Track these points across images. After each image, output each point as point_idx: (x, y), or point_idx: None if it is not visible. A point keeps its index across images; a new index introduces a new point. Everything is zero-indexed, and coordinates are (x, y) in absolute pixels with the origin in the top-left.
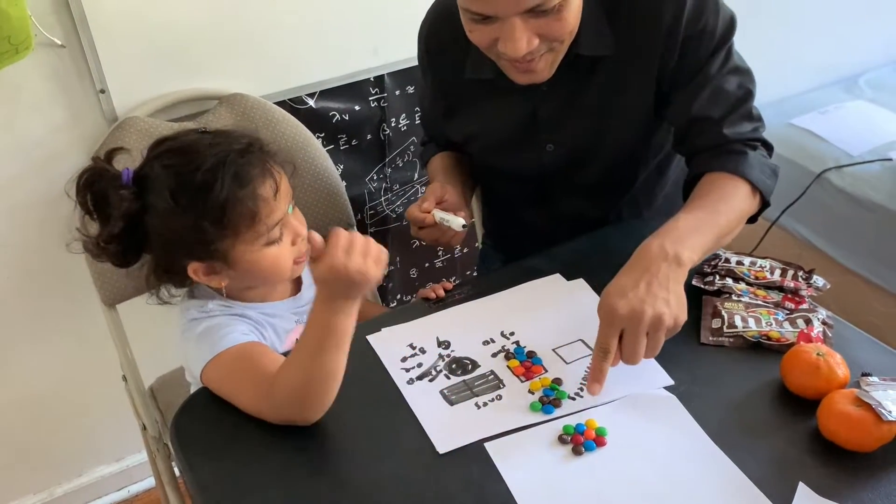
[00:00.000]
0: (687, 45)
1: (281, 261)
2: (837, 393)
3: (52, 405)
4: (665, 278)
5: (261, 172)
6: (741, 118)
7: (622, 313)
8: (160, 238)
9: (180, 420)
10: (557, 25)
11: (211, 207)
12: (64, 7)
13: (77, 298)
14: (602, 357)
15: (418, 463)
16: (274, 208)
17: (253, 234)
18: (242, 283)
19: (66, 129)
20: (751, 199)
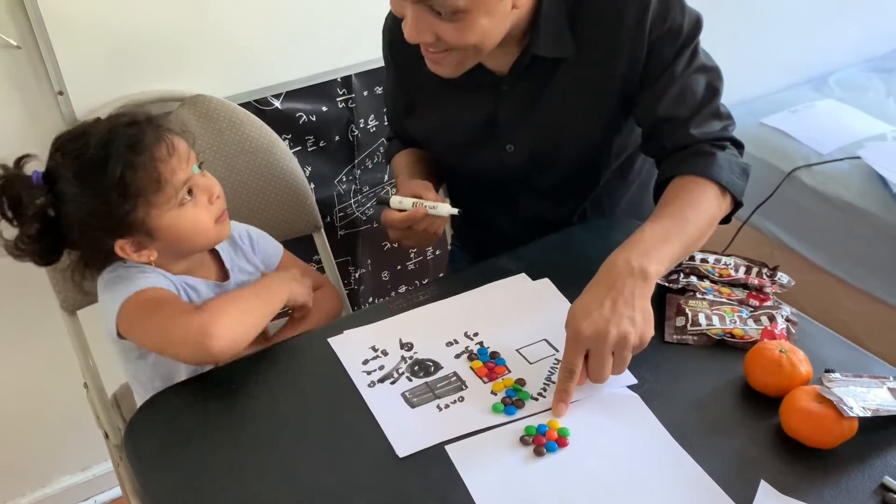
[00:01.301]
0: (653, 46)
1: (200, 221)
2: (799, 390)
3: (14, 414)
4: (630, 295)
5: (153, 139)
6: (709, 117)
7: (587, 334)
8: (78, 225)
9: (133, 429)
10: (453, 34)
11: (112, 180)
12: (19, 7)
13: (37, 304)
14: (567, 377)
15: (378, 467)
16: (175, 168)
17: (163, 197)
18: (171, 252)
19: (23, 131)
20: (720, 201)
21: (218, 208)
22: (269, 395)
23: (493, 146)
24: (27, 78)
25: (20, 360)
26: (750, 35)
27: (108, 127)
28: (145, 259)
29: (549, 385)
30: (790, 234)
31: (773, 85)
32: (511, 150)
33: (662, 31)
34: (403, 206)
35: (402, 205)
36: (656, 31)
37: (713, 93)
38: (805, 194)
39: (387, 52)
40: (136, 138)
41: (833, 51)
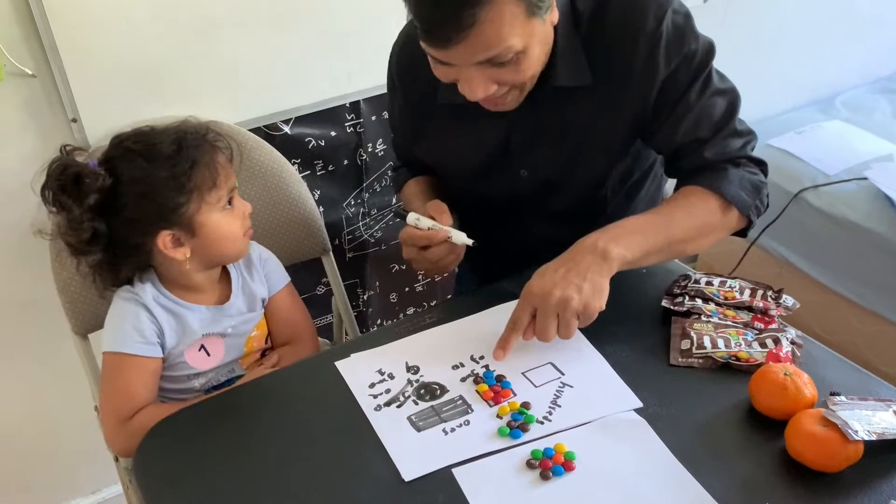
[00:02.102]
0: (667, 77)
1: (234, 229)
2: (804, 413)
3: (26, 436)
4: (585, 268)
5: (212, 146)
6: (725, 137)
7: (534, 292)
8: (133, 207)
9: (143, 453)
10: (514, 75)
11: (180, 171)
12: (34, 37)
13: (49, 327)
14: (511, 328)
15: (384, 491)
16: (229, 174)
17: (214, 196)
18: (202, 256)
19: (37, 158)
20: (723, 213)
21: (247, 224)
22: (277, 418)
23: (507, 172)
24: (41, 105)
25: (33, 382)
26: (756, 56)
27: (175, 127)
28: (180, 256)
29: (555, 408)
30: (798, 255)
31: (779, 106)
32: (525, 175)
33: (677, 63)
34: (420, 224)
35: (419, 223)
36: (671, 63)
37: (730, 114)
38: (812, 215)
39: (394, 80)
40: (200, 140)
41: (839, 72)
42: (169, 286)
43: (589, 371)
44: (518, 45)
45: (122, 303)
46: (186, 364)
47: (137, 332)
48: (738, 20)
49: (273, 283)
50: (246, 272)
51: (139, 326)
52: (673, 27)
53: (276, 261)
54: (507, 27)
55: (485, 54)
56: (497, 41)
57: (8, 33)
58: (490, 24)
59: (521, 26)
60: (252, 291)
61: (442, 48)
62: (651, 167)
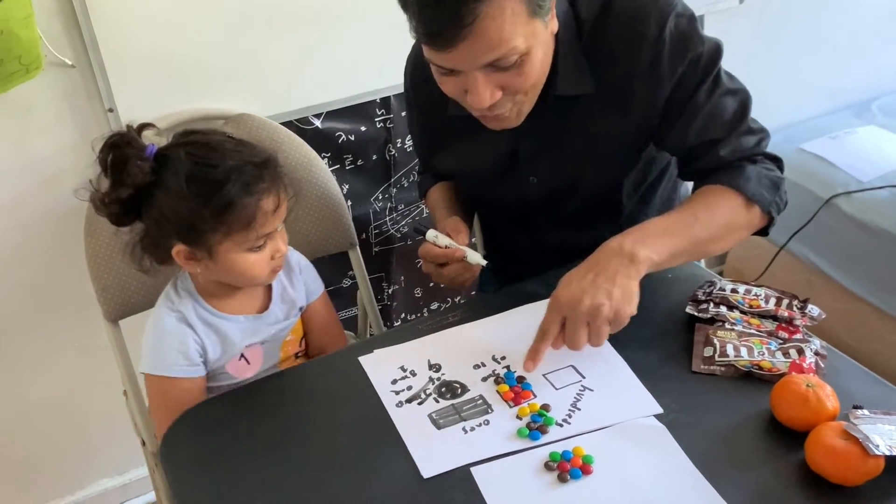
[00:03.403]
0: (674, 82)
1: (256, 268)
2: (825, 425)
3: (56, 418)
4: (613, 272)
5: (268, 188)
6: (739, 136)
7: (563, 301)
8: (161, 213)
9: (169, 442)
10: (519, 79)
11: (216, 202)
12: (74, 28)
13: (81, 313)
14: (541, 338)
15: (403, 486)
16: (268, 222)
17: (242, 237)
18: (215, 276)
19: (74, 147)
20: (744, 211)
21: (276, 264)
22: (300, 410)
23: (517, 179)
24: (79, 95)
25: (64, 367)
26: (791, 59)
27: (238, 157)
28: (191, 269)
29: (575, 411)
30: (827, 262)
31: (813, 110)
32: (534, 181)
33: (682, 68)
34: (438, 242)
35: (437, 240)
36: (675, 69)
37: (741, 113)
38: (843, 222)
39: (409, 94)
40: (255, 180)
41: (876, 76)
42: (206, 296)
43: (610, 375)
44: (521, 45)
45: (165, 322)
46: (228, 374)
47: (182, 356)
48: (774, 22)
49: (311, 291)
50: (286, 279)
51: (184, 349)
52: (676, 32)
53: (312, 268)
54: (508, 25)
55: (488, 56)
56: (500, 40)
57: (49, 25)
58: (492, 21)
59: (523, 26)
60: (291, 298)
61: (444, 50)
62: (665, 169)
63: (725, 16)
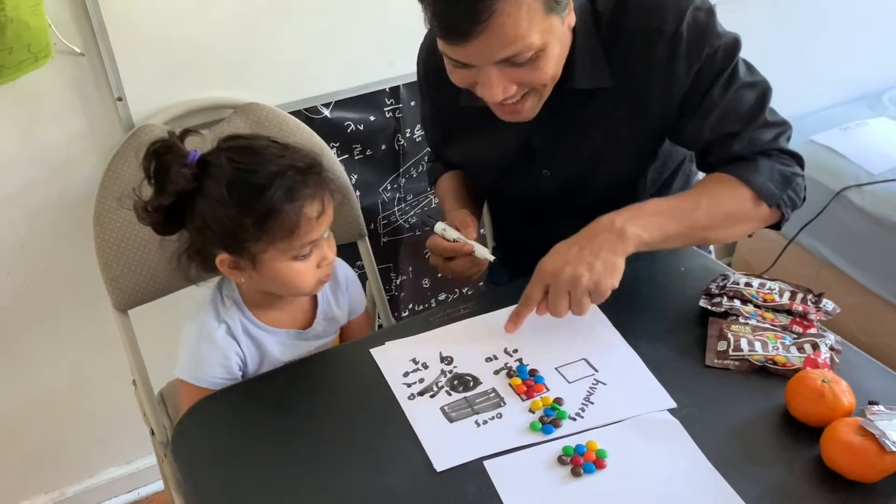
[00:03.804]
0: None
1: (302, 277)
2: (841, 421)
3: (64, 406)
4: (598, 246)
5: (312, 193)
6: (756, 129)
7: (546, 269)
8: (202, 221)
9: (180, 433)
10: (534, 74)
11: (258, 210)
12: (83, 16)
13: (90, 302)
14: (524, 303)
15: (415, 479)
16: (313, 229)
17: (286, 245)
18: (260, 286)
19: (83, 135)
20: (751, 204)
21: (323, 273)
22: (312, 402)
23: (530, 171)
24: (88, 84)
25: (73, 355)
26: (802, 49)
27: (281, 162)
28: (235, 279)
29: (588, 405)
30: (837, 255)
31: (824, 101)
32: (547, 174)
33: (699, 62)
34: (446, 235)
35: (446, 233)
36: (693, 63)
37: (760, 106)
38: (854, 214)
39: (422, 83)
40: (299, 185)
41: (888, 67)
42: (252, 306)
43: (623, 369)
44: (537, 42)
45: (212, 333)
46: None
47: (224, 370)
48: (787, 12)
49: (354, 308)
50: (332, 295)
51: (226, 364)
52: (694, 26)
53: (358, 283)
54: (524, 21)
55: (503, 52)
56: (515, 37)
57: (58, 12)
58: (508, 17)
59: (539, 22)
60: (335, 316)
61: (459, 44)
62: (681, 165)
63: (738, 5)
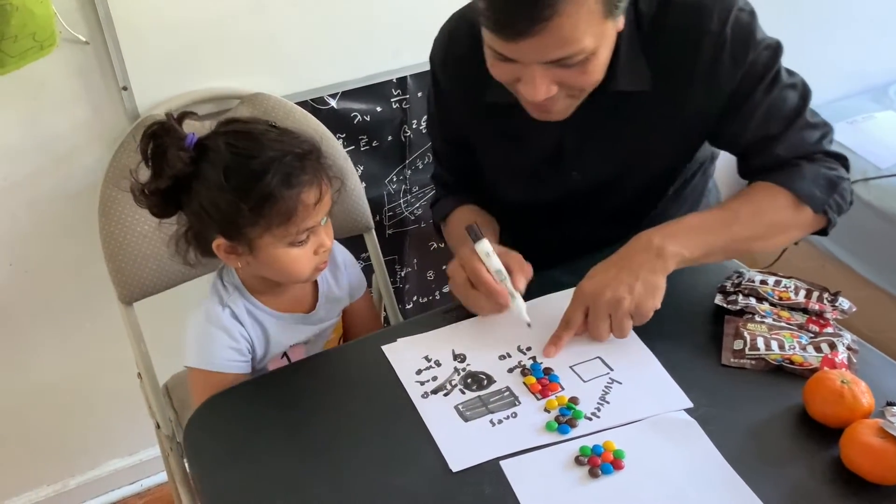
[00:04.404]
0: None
1: (298, 264)
2: (861, 423)
3: (67, 398)
4: (638, 266)
5: (310, 180)
6: (798, 131)
7: (586, 292)
8: (199, 206)
9: (192, 429)
10: (581, 78)
11: (254, 195)
12: (89, 4)
13: (93, 293)
14: (564, 327)
15: (431, 479)
16: (310, 216)
17: (283, 231)
18: (257, 272)
19: (87, 125)
20: (793, 210)
21: (320, 260)
22: (324, 399)
23: (559, 173)
24: (94, 73)
25: (77, 347)
26: (807, 42)
27: (279, 147)
28: (232, 264)
29: (604, 405)
30: (844, 249)
31: (830, 94)
32: (576, 176)
33: (743, 67)
34: (489, 263)
35: (488, 261)
36: (737, 66)
37: (801, 107)
38: (860, 209)
39: (437, 76)
40: (297, 171)
41: (891, 60)
42: (253, 292)
43: (638, 368)
44: (591, 45)
45: (218, 316)
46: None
47: (235, 351)
48: (791, 5)
49: (355, 289)
50: (332, 277)
51: (236, 346)
52: (738, 28)
53: (357, 264)
54: (583, 24)
55: (556, 53)
56: (572, 39)
57: (63, 0)
58: (568, 19)
59: (596, 25)
60: (336, 297)
61: (512, 41)
62: (702, 166)
63: None
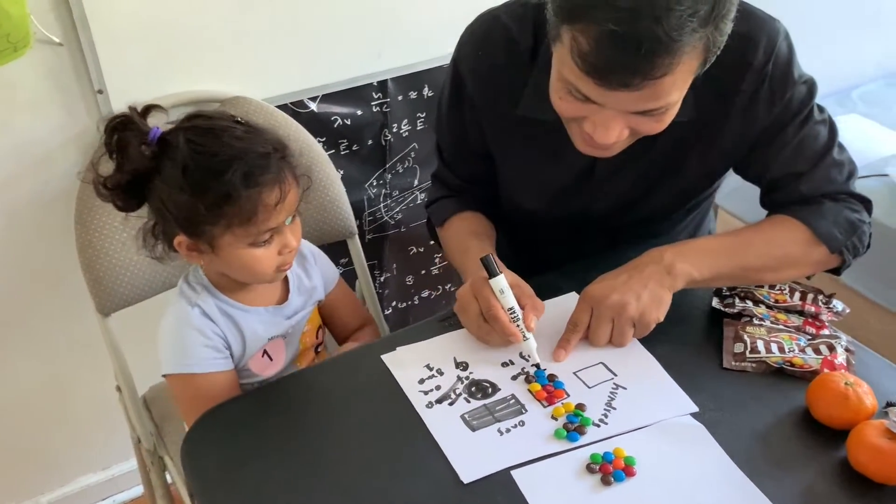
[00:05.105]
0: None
1: (261, 264)
2: (867, 424)
3: (39, 411)
4: (647, 278)
5: (272, 179)
6: (825, 169)
7: (593, 294)
8: (161, 202)
9: (190, 444)
10: (654, 126)
11: (213, 194)
12: (63, 4)
13: (68, 302)
14: (571, 329)
15: (442, 491)
16: (271, 216)
17: (244, 231)
18: (219, 269)
19: (61, 129)
20: (807, 247)
21: (284, 260)
22: (326, 411)
23: (585, 193)
24: (68, 76)
25: (49, 358)
26: None
27: (241, 144)
28: (194, 262)
29: (611, 410)
30: None
31: None
32: (601, 198)
33: (781, 105)
34: (503, 300)
35: (503, 297)
36: (774, 102)
37: (829, 145)
38: None
39: (460, 82)
40: (258, 170)
41: (855, 64)
42: (221, 289)
43: (641, 372)
44: (677, 98)
45: (188, 317)
46: (250, 371)
47: (211, 349)
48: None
49: (328, 280)
50: (301, 269)
51: (211, 343)
52: (779, 63)
53: (325, 255)
54: (680, 80)
55: (647, 105)
56: (667, 95)
57: (37, 0)
58: (672, 78)
59: (689, 79)
60: (308, 288)
61: (608, 91)
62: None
63: None
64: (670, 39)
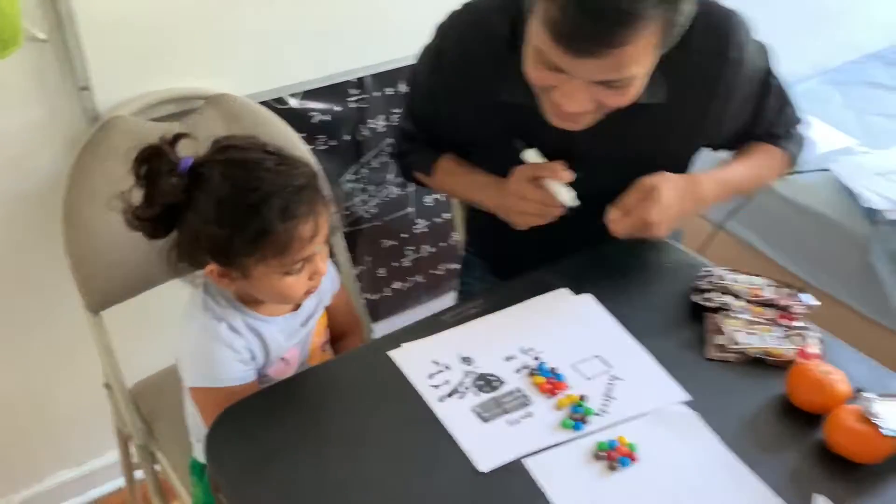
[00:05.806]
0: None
1: (293, 290)
2: (843, 409)
3: (12, 408)
4: (688, 212)
5: (307, 212)
6: (789, 114)
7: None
8: (193, 234)
9: (213, 442)
10: (618, 99)
11: (249, 229)
12: (49, 1)
13: (45, 299)
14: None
15: (460, 481)
16: (306, 247)
17: (278, 262)
18: (249, 294)
19: (43, 126)
20: (784, 165)
21: (313, 285)
22: (341, 408)
23: None
24: (52, 72)
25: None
26: None
27: (277, 179)
28: (224, 286)
29: (610, 400)
30: (763, 241)
31: None
32: (581, 177)
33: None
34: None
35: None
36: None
37: (787, 97)
38: (779, 203)
39: (442, 71)
40: (293, 204)
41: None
42: (243, 302)
43: (634, 364)
44: (639, 73)
45: (217, 332)
46: (269, 377)
47: (241, 363)
48: None
49: (334, 283)
50: None
51: (240, 357)
52: (755, 55)
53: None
54: (642, 55)
55: (609, 76)
56: (627, 66)
57: None
58: (633, 48)
59: (648, 55)
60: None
61: (574, 57)
62: None
63: None
64: (631, 9)
